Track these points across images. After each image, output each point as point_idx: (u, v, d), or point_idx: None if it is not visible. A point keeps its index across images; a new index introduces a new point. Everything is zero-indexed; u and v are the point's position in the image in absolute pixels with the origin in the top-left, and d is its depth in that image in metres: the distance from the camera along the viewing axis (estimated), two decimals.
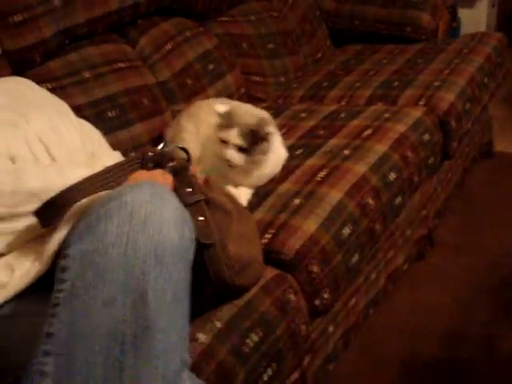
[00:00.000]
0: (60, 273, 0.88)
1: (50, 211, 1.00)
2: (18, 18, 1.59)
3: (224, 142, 1.41)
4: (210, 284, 1.09)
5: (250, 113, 1.45)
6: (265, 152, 1.43)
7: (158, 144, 1.69)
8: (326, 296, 1.35)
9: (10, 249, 1.07)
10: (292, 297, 1.25)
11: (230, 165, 1.42)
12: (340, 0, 2.71)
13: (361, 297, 1.66)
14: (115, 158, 1.43)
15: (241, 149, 1.40)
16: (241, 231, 1.15)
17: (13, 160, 1.12)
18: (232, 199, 1.20)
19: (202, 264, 1.05)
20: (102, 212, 0.89)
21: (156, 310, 0.84)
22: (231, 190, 1.47)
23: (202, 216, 1.04)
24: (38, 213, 1.00)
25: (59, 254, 0.98)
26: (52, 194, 0.99)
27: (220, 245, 1.07)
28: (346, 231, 1.40)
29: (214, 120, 1.60)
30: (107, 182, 1.02)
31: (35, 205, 1.01)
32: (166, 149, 1.13)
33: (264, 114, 1.49)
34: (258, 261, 1.20)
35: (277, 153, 1.54)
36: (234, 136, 1.38)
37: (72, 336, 0.84)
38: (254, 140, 1.40)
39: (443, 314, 1.82)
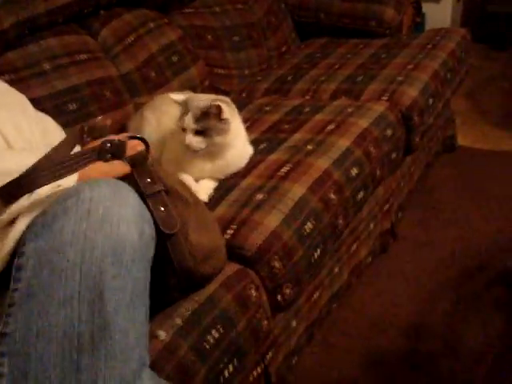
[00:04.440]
0: (16, 271, 0.87)
1: (10, 191, 0.96)
2: None
3: (184, 129, 1.41)
4: (174, 274, 1.08)
5: (205, 97, 1.44)
6: (223, 131, 1.43)
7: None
8: (287, 291, 1.35)
9: None
10: (253, 292, 1.25)
11: (193, 151, 1.42)
12: None
13: (324, 291, 1.67)
14: (74, 151, 1.41)
15: (198, 132, 1.40)
16: (201, 220, 1.14)
17: None
18: (187, 188, 1.20)
19: (166, 254, 1.05)
20: (59, 209, 0.87)
21: (114, 310, 0.83)
22: (192, 184, 1.46)
23: (163, 206, 1.03)
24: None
25: (16, 252, 0.96)
26: None
27: (182, 234, 1.07)
28: (309, 226, 1.40)
29: (176, 112, 1.59)
30: (67, 171, 1.00)
31: None
32: (123, 139, 1.11)
33: (219, 97, 1.48)
34: (221, 249, 1.20)
35: (241, 144, 1.53)
36: (188, 121, 1.39)
37: (27, 336, 0.82)
38: (208, 120, 1.39)
39: (406, 306, 1.84)
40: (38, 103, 1.54)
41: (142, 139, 1.12)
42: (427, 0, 3.58)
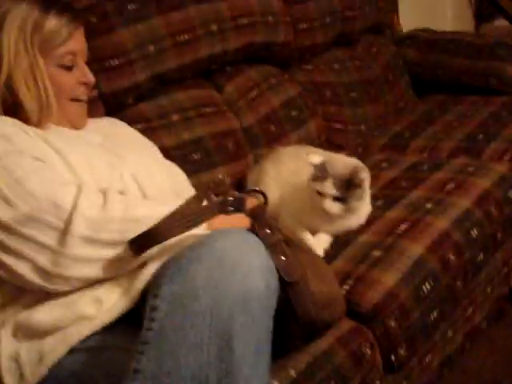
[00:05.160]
0: (150, 312, 0.92)
1: (143, 242, 1.04)
2: (114, 62, 1.68)
3: (320, 193, 1.42)
4: (296, 322, 1.09)
5: (343, 162, 1.46)
6: (360, 198, 1.44)
7: (241, 187, 1.75)
8: (402, 352, 1.33)
9: (106, 277, 1.11)
10: (368, 351, 1.24)
11: (328, 215, 1.43)
12: (424, 50, 2.71)
13: (436, 354, 1.62)
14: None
15: (336, 198, 1.41)
16: (318, 270, 1.16)
17: (121, 194, 1.18)
18: (301, 240, 1.23)
19: (287, 302, 1.06)
20: (193, 256, 0.92)
21: (241, 357, 0.86)
22: (308, 237, 1.48)
23: (283, 255, 1.05)
24: (131, 243, 1.05)
25: (146, 291, 1.02)
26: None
27: (303, 282, 1.08)
28: (426, 287, 1.38)
29: (295, 166, 1.63)
30: (194, 223, 1.06)
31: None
32: (244, 193, 1.17)
33: (357, 162, 1.50)
34: (339, 298, 1.20)
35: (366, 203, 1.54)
36: (329, 187, 1.39)
37: (158, 375, 0.86)
38: (349, 188, 1.41)
39: None
40: (165, 152, 1.62)
41: (262, 192, 1.17)
42: None
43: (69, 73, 1.32)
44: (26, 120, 1.24)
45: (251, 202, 1.18)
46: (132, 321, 1.07)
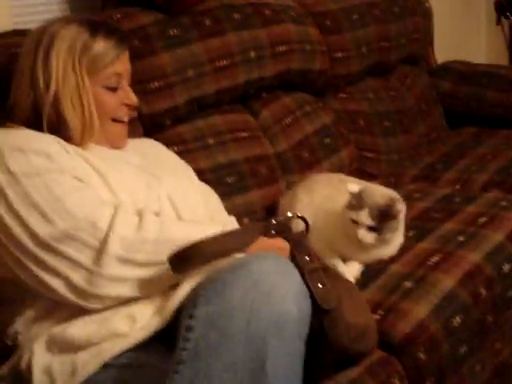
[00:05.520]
0: (185, 331, 0.94)
1: (182, 260, 1.06)
2: (154, 85, 1.73)
3: (354, 221, 1.43)
4: (329, 350, 1.10)
5: (380, 192, 1.47)
6: (395, 229, 1.45)
7: (273, 212, 1.77)
8: None
9: (139, 297, 1.13)
10: (397, 382, 1.24)
11: (361, 244, 1.44)
12: (458, 82, 2.72)
13: None
14: (230, 222, 1.50)
15: (371, 227, 1.42)
16: (355, 300, 1.17)
17: (156, 215, 1.20)
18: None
19: (321, 330, 1.07)
20: (230, 278, 0.94)
21: (273, 379, 0.87)
22: (339, 264, 1.49)
23: (320, 283, 1.07)
24: (171, 260, 1.06)
25: (179, 311, 1.03)
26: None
27: (338, 311, 1.09)
28: (457, 320, 1.38)
29: (329, 192, 1.65)
30: (235, 245, 1.08)
31: None
32: (288, 217, 1.19)
33: (393, 194, 1.50)
34: (373, 329, 1.20)
35: (400, 234, 1.55)
36: (364, 217, 1.40)
37: None
38: (384, 219, 1.41)
39: None
40: (201, 174, 1.65)
41: (303, 219, 1.19)
42: None
43: (113, 94, 1.35)
44: (68, 138, 1.28)
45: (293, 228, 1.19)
46: (164, 339, 1.08)
